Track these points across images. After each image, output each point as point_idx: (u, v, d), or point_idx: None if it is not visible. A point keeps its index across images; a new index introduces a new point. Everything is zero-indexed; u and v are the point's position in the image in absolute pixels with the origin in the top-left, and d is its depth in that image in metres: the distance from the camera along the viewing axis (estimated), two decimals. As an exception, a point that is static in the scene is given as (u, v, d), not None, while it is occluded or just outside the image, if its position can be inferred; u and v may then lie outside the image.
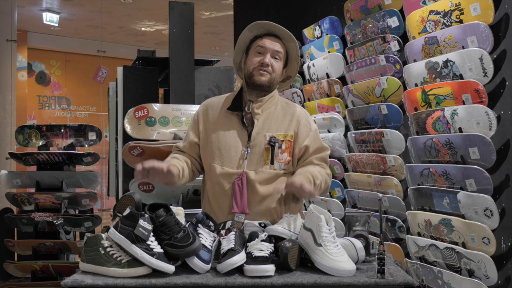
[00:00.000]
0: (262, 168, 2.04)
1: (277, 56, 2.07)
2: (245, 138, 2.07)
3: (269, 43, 2.06)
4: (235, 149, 2.06)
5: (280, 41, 2.09)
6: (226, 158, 2.06)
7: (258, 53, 2.07)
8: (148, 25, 9.34)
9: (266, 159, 2.04)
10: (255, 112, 2.09)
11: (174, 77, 3.33)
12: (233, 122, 2.10)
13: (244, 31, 2.11)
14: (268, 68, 2.05)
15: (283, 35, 2.09)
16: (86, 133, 3.85)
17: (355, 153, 3.26)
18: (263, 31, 2.09)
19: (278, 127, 2.08)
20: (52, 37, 10.05)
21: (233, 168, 2.05)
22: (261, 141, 2.05)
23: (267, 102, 2.11)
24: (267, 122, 2.08)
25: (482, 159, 2.32)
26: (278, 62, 2.08)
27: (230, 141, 2.07)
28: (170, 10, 3.41)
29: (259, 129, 2.07)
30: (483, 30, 2.32)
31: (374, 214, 2.88)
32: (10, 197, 3.69)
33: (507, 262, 2.29)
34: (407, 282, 1.62)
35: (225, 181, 2.05)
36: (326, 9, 3.80)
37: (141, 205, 1.88)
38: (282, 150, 2.06)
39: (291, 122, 2.10)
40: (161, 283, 1.58)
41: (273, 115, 2.10)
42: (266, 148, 2.05)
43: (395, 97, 2.95)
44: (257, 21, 2.08)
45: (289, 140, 2.08)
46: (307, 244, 1.76)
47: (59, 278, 3.46)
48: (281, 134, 2.07)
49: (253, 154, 2.05)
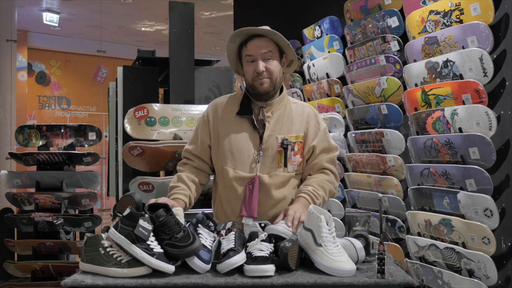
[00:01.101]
0: (276, 172, 2.04)
1: (268, 56, 2.03)
2: (257, 140, 2.05)
3: (254, 48, 2.03)
4: (247, 152, 2.04)
5: (265, 38, 2.04)
6: (239, 162, 2.05)
7: (250, 62, 2.04)
8: (148, 25, 9.34)
9: (279, 161, 2.04)
10: (265, 116, 2.07)
11: (174, 77, 3.33)
12: (243, 125, 2.08)
13: (227, 44, 2.10)
14: (264, 73, 2.01)
15: (264, 33, 2.04)
16: (86, 133, 3.84)
17: (355, 153, 3.26)
18: (244, 37, 2.06)
19: (289, 128, 2.07)
20: (52, 37, 10.05)
21: (246, 171, 2.04)
22: (273, 144, 2.04)
23: (276, 104, 2.09)
24: (278, 124, 2.07)
25: (482, 159, 2.32)
26: (272, 61, 2.04)
27: (243, 144, 2.05)
28: (170, 10, 3.42)
29: (270, 131, 2.05)
30: (483, 30, 2.32)
31: (374, 214, 2.88)
32: (10, 197, 3.69)
33: (507, 262, 2.29)
34: (407, 282, 1.62)
35: (238, 184, 2.04)
36: (326, 9, 3.81)
37: (141, 205, 1.88)
38: (294, 152, 2.06)
39: (301, 123, 2.09)
40: (161, 283, 1.58)
41: (283, 117, 2.09)
42: (278, 150, 2.04)
43: (395, 97, 2.95)
44: (235, 31, 2.06)
45: (301, 142, 2.08)
46: (307, 244, 1.76)
47: (59, 278, 3.46)
48: (293, 136, 2.06)
49: (266, 157, 2.04)
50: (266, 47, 2.03)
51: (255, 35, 2.04)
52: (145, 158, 2.81)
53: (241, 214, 2.01)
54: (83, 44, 10.29)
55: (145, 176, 2.94)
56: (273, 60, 2.04)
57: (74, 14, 8.66)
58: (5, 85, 6.31)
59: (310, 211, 1.79)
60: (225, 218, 2.05)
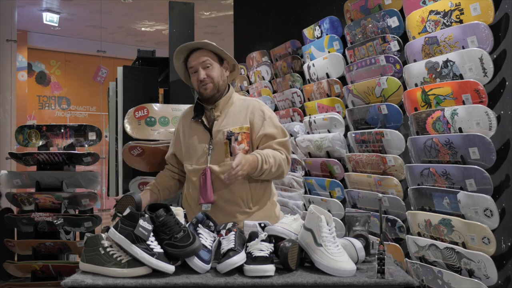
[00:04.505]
0: (224, 161, 2.26)
1: (207, 64, 2.28)
2: (207, 137, 2.32)
3: (194, 59, 2.30)
4: (200, 148, 2.31)
5: (202, 50, 2.31)
6: (194, 158, 2.32)
7: (194, 73, 2.31)
8: (148, 25, 9.34)
9: (226, 152, 2.27)
10: (214, 115, 2.32)
11: (174, 77, 3.33)
12: (197, 127, 2.36)
13: (174, 61, 2.39)
14: (206, 79, 2.27)
15: (200, 45, 2.31)
16: (86, 133, 3.84)
17: (355, 153, 3.26)
18: (186, 53, 2.34)
19: (235, 122, 2.30)
20: (52, 37, 10.05)
21: (200, 164, 2.30)
22: (221, 138, 2.28)
23: (223, 104, 2.34)
24: (225, 120, 2.31)
25: (482, 159, 2.32)
26: (212, 67, 2.29)
27: (196, 142, 2.33)
28: (170, 10, 3.41)
29: (218, 127, 2.30)
30: (483, 30, 2.32)
31: (374, 214, 2.88)
32: (10, 197, 3.68)
33: (507, 262, 2.29)
34: (407, 282, 1.63)
35: (194, 176, 2.30)
36: (326, 9, 3.81)
37: (141, 205, 1.88)
38: (238, 141, 2.27)
39: (246, 115, 2.31)
40: (161, 283, 1.58)
41: (231, 113, 2.32)
42: (225, 142, 2.27)
43: (395, 97, 2.95)
44: (176, 49, 2.34)
45: (245, 132, 2.28)
46: (307, 244, 1.76)
47: (59, 278, 3.46)
48: (237, 128, 2.28)
49: (215, 150, 2.28)
50: (204, 56, 2.29)
51: (194, 49, 2.32)
52: (145, 158, 2.81)
53: (200, 202, 2.25)
54: (83, 44, 10.29)
55: (145, 176, 2.94)
56: (213, 67, 2.30)
57: (74, 14, 8.66)
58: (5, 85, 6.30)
59: (311, 211, 1.79)
60: (188, 208, 2.32)
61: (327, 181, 3.54)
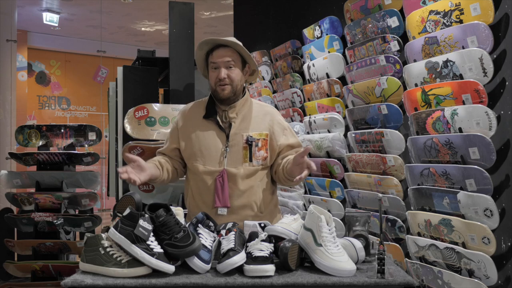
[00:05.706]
0: (242, 165, 2.22)
1: (230, 65, 2.21)
2: (223, 139, 2.24)
3: (218, 56, 2.22)
4: (215, 148, 2.24)
5: (229, 48, 2.23)
6: (207, 157, 2.24)
7: (214, 69, 2.23)
8: (148, 25, 9.34)
9: (245, 156, 2.23)
10: (230, 117, 2.26)
11: (174, 77, 3.34)
12: (210, 126, 2.28)
13: (196, 50, 2.30)
14: (226, 80, 2.20)
15: (228, 43, 2.22)
16: (86, 133, 3.85)
17: (355, 153, 3.26)
18: (210, 46, 2.25)
19: (254, 127, 2.27)
20: (52, 37, 10.06)
21: (215, 166, 2.22)
22: (239, 141, 2.23)
23: (240, 106, 2.28)
24: (243, 124, 2.26)
25: (482, 159, 2.32)
26: (234, 69, 2.22)
27: (210, 142, 2.25)
28: (170, 10, 3.42)
29: (236, 129, 2.25)
30: (483, 30, 2.32)
31: (374, 214, 2.88)
32: (10, 197, 3.69)
33: (507, 262, 2.29)
34: (407, 282, 1.63)
35: (208, 178, 2.22)
36: (326, 9, 3.80)
37: (141, 205, 1.88)
38: (259, 148, 2.25)
39: (265, 122, 2.29)
40: (161, 283, 1.58)
41: (247, 117, 2.28)
42: (244, 146, 2.23)
43: (395, 97, 2.95)
44: (203, 40, 2.24)
45: (265, 139, 2.26)
46: (307, 244, 1.76)
47: (59, 278, 3.46)
48: (256, 133, 2.25)
49: (232, 153, 2.22)
50: (229, 56, 2.22)
51: (220, 44, 2.24)
52: (145, 158, 2.81)
53: (216, 205, 2.19)
54: (83, 44, 10.29)
55: (145, 176, 2.93)
56: (235, 68, 2.23)
57: (74, 14, 8.66)
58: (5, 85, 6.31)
59: (310, 211, 1.79)
60: (197, 209, 2.19)
61: (327, 181, 3.55)
